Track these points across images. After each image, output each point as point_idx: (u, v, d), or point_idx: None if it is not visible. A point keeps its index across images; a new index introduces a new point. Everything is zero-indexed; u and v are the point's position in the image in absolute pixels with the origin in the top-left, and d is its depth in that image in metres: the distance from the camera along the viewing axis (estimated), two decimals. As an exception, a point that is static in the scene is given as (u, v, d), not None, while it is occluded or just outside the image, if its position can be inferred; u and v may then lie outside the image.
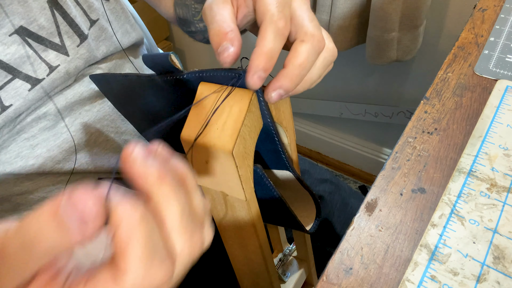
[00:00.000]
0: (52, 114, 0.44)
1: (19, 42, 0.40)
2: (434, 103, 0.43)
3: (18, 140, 0.43)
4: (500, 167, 0.36)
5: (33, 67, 0.41)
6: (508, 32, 0.50)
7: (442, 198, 0.35)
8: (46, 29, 0.42)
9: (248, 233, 0.38)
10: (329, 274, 0.32)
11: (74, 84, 0.46)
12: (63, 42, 0.43)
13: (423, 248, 0.32)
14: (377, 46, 0.93)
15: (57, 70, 0.43)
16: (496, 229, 0.32)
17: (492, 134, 0.39)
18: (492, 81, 0.45)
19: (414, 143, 0.40)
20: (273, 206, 0.39)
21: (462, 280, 0.30)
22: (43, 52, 0.42)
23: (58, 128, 0.45)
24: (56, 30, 0.43)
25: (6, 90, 0.39)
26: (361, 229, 0.34)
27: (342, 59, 1.17)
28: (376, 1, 0.86)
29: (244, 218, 0.36)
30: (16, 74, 0.40)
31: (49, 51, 0.42)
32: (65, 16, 0.44)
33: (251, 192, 0.34)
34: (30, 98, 0.41)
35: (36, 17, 0.41)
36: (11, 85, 0.39)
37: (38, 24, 0.41)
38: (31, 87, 0.41)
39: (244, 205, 0.34)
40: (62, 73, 0.43)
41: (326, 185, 0.67)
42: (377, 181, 0.37)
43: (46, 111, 0.44)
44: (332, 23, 0.95)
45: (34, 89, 0.41)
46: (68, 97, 0.45)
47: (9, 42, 0.39)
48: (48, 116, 0.44)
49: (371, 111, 1.23)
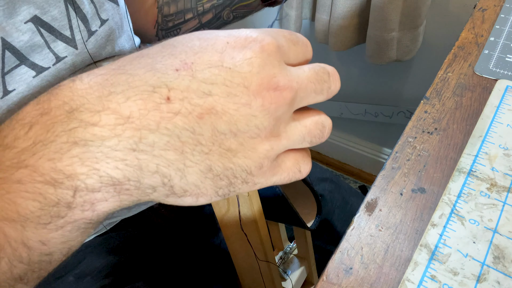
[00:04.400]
0: None
1: (33, 30, 0.40)
2: (434, 103, 0.43)
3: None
4: (500, 167, 0.36)
5: (41, 56, 0.42)
6: (508, 32, 0.50)
7: (442, 198, 0.35)
8: (59, 21, 0.43)
9: (250, 229, 0.38)
10: (329, 274, 0.32)
11: None
12: (73, 36, 0.44)
13: (423, 248, 0.32)
14: (377, 46, 0.93)
15: (63, 61, 0.44)
16: (496, 229, 0.32)
17: (492, 134, 0.39)
18: (492, 81, 0.45)
19: (414, 143, 0.40)
20: (275, 202, 0.39)
21: (462, 280, 0.30)
22: (53, 43, 0.42)
23: None
24: (68, 23, 0.44)
25: (12, 75, 0.40)
26: (361, 229, 0.34)
27: (342, 59, 1.17)
28: (376, 1, 0.86)
29: (246, 214, 0.36)
30: (24, 61, 0.40)
31: (58, 42, 0.43)
32: (78, 11, 0.44)
33: None
34: (34, 84, 0.42)
35: (50, 8, 0.42)
36: (17, 71, 0.40)
37: (52, 15, 0.42)
38: (36, 74, 0.42)
39: (246, 201, 0.35)
40: (68, 64, 0.44)
41: (326, 184, 0.67)
42: (377, 181, 0.37)
43: None
44: (332, 23, 0.95)
45: (39, 76, 0.42)
46: None
47: (24, 29, 0.40)
48: None
49: (371, 111, 1.23)
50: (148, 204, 0.59)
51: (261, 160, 0.20)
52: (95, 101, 0.18)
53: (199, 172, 0.19)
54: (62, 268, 0.52)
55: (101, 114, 0.18)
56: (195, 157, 0.19)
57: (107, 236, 0.56)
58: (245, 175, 0.20)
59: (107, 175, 0.18)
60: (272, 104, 0.19)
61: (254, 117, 0.19)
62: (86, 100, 0.18)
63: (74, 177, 0.18)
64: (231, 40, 0.19)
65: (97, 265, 0.52)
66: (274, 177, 0.22)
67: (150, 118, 0.18)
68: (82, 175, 0.18)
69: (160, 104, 0.18)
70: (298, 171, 0.22)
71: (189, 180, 0.19)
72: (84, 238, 0.20)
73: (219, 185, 0.20)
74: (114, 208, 0.19)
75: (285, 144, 0.21)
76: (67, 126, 0.18)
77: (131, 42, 0.55)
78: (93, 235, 0.55)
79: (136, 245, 0.56)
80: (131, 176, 0.18)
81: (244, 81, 0.19)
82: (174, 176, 0.19)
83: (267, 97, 0.19)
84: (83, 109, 0.18)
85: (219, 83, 0.18)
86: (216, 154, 0.19)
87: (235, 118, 0.19)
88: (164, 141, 0.18)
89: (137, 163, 0.18)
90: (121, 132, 0.18)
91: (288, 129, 0.21)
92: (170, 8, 0.62)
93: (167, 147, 0.18)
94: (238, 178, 0.20)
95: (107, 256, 0.53)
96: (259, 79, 0.19)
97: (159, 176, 0.18)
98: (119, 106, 0.18)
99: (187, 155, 0.18)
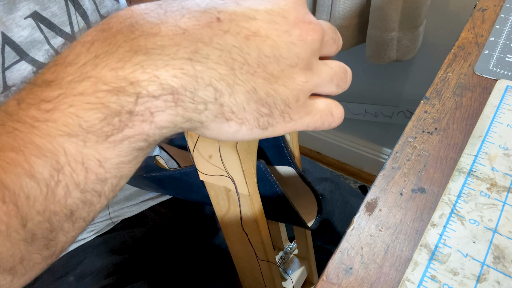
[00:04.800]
0: None
1: (33, 26, 0.40)
2: (434, 103, 0.43)
3: None
4: (500, 167, 0.36)
5: (41, 52, 0.42)
6: (508, 32, 0.50)
7: (442, 198, 0.35)
8: (58, 17, 0.43)
9: (250, 229, 0.38)
10: (329, 274, 0.32)
11: None
12: (73, 32, 0.44)
13: (423, 248, 0.32)
14: (377, 46, 0.93)
15: None
16: (496, 229, 0.32)
17: (492, 134, 0.39)
18: (492, 81, 0.45)
19: (414, 143, 0.40)
20: (276, 202, 0.39)
21: (462, 280, 0.30)
22: (53, 39, 0.43)
23: None
24: (68, 19, 0.44)
25: (12, 71, 0.40)
26: (361, 229, 0.34)
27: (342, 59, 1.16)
28: (376, 1, 0.86)
29: (247, 214, 0.36)
30: (24, 56, 0.41)
31: (58, 39, 0.43)
32: (78, 8, 0.45)
33: (254, 187, 0.34)
34: None
35: (50, 4, 0.42)
36: (17, 66, 0.40)
37: (51, 11, 0.42)
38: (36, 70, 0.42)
39: (247, 200, 0.35)
40: None
41: (327, 184, 0.67)
42: (377, 181, 0.37)
43: None
44: (332, 23, 0.95)
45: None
46: None
47: (24, 24, 0.40)
48: None
49: (371, 111, 1.23)
50: (148, 204, 0.59)
51: (297, 92, 0.22)
52: (154, 15, 0.19)
53: (246, 93, 0.20)
54: (62, 268, 0.52)
55: (160, 26, 0.19)
56: (242, 76, 0.20)
57: (107, 236, 0.56)
58: (283, 106, 0.22)
59: (166, 83, 0.19)
60: (309, 36, 0.21)
61: (293, 45, 0.21)
62: (145, 15, 0.19)
63: (136, 84, 0.18)
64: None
65: (97, 265, 0.52)
66: (307, 116, 0.23)
67: (203, 33, 0.19)
68: (144, 81, 0.18)
69: (212, 22, 0.19)
70: (330, 114, 0.24)
71: (237, 99, 0.20)
72: (135, 165, 0.21)
73: (261, 112, 0.21)
74: (170, 123, 0.20)
75: (316, 81, 0.22)
76: (128, 36, 0.19)
77: None
78: (93, 235, 0.55)
79: (136, 245, 0.56)
80: (187, 86, 0.19)
81: (282, 12, 0.21)
82: (224, 92, 0.20)
83: (304, 28, 0.21)
84: (144, 21, 0.19)
85: (262, 10, 0.20)
86: (260, 78, 0.20)
87: (278, 43, 0.20)
88: (217, 54, 0.19)
89: (193, 73, 0.19)
90: (179, 41, 0.19)
91: (318, 67, 0.23)
92: None
93: (219, 60, 0.19)
94: (277, 109, 0.22)
95: (107, 256, 0.53)
96: (296, 13, 0.21)
97: (212, 88, 0.20)
98: (176, 21, 0.19)
99: (236, 72, 0.20)
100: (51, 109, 0.18)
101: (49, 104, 0.18)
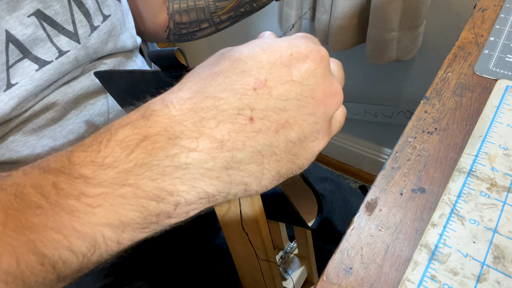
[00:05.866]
0: (60, 105, 0.46)
1: (36, 24, 0.41)
2: (434, 103, 0.44)
3: (25, 129, 0.44)
4: (500, 167, 0.36)
5: (43, 50, 0.42)
6: (508, 32, 0.50)
7: (442, 198, 0.35)
8: (61, 15, 0.43)
9: (251, 228, 0.38)
10: (329, 273, 0.32)
11: (81, 77, 0.48)
12: (76, 30, 0.45)
13: (423, 247, 0.32)
14: (377, 46, 0.93)
15: (66, 55, 0.44)
16: (496, 229, 0.32)
17: (492, 133, 0.39)
18: (492, 81, 0.45)
19: (414, 143, 0.40)
20: (276, 202, 0.39)
21: (462, 280, 0.30)
22: (56, 37, 0.43)
23: (64, 120, 0.47)
24: (71, 18, 0.44)
25: (15, 68, 0.40)
26: (361, 229, 0.34)
27: (342, 59, 1.17)
28: (376, 1, 0.86)
29: (247, 213, 0.36)
30: (27, 54, 0.41)
31: (61, 37, 0.43)
32: (80, 6, 0.45)
33: None
34: (36, 77, 0.42)
35: (53, 3, 0.42)
36: (20, 64, 0.41)
37: (54, 10, 0.42)
38: (39, 68, 0.42)
39: (247, 200, 0.35)
40: (71, 58, 0.45)
41: (327, 184, 0.67)
42: (377, 181, 0.37)
43: (54, 101, 0.45)
44: (332, 23, 0.95)
45: (42, 70, 0.42)
46: (75, 89, 0.47)
47: (27, 22, 0.40)
48: (56, 108, 0.45)
49: (371, 111, 1.23)
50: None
51: (313, 157, 0.24)
52: (191, 127, 0.20)
53: (271, 177, 0.22)
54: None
55: (198, 140, 0.20)
56: (270, 165, 0.22)
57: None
58: (298, 170, 0.23)
59: (203, 191, 0.21)
60: (332, 110, 0.23)
61: (316, 124, 0.22)
62: (183, 127, 0.20)
63: (176, 194, 0.20)
64: (293, 51, 0.22)
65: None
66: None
67: (238, 139, 0.21)
68: (182, 192, 0.20)
69: (245, 125, 0.21)
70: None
71: (263, 184, 0.22)
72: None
73: (279, 181, 0.23)
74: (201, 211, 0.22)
75: (328, 141, 0.24)
76: (169, 152, 0.20)
77: (133, 40, 0.55)
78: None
79: (136, 245, 0.56)
80: (222, 189, 0.21)
81: (312, 93, 0.22)
82: (253, 183, 0.22)
83: (329, 104, 0.22)
84: (183, 135, 0.20)
85: (292, 98, 0.21)
86: (285, 160, 0.22)
87: (303, 126, 0.22)
88: (249, 157, 0.21)
89: (227, 178, 0.21)
90: (216, 155, 0.20)
91: (333, 129, 0.25)
92: (182, 17, 0.62)
93: (251, 161, 0.21)
94: (293, 173, 0.23)
95: (107, 256, 0.53)
96: (323, 89, 0.22)
97: (242, 185, 0.22)
98: (212, 131, 0.20)
99: (265, 165, 0.22)
100: (91, 204, 0.19)
101: (90, 199, 0.19)
